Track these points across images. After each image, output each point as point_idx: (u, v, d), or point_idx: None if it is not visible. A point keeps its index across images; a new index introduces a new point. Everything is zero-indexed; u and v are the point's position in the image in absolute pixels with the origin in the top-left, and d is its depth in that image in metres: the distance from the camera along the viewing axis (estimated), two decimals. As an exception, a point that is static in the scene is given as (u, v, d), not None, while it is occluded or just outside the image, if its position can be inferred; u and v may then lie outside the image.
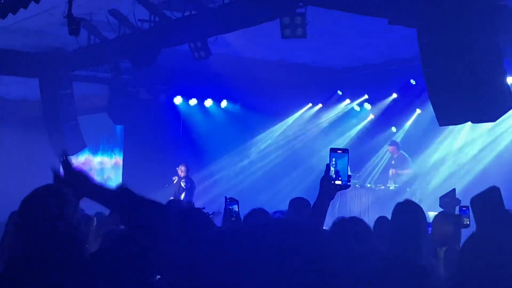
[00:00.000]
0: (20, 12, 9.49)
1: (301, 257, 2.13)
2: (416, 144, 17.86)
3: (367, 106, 18.96)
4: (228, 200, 6.17)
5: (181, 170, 16.96)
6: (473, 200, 5.53)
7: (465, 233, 5.83)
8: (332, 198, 4.09)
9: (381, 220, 6.61)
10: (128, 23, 12.81)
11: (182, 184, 16.79)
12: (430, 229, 6.89)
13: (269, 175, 19.60)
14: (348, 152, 4.14)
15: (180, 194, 16.58)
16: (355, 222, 4.51)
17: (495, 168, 16.00)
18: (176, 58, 14.68)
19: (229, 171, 19.53)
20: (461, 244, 4.84)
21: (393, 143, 17.35)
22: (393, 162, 17.22)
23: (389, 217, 5.53)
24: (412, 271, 3.76)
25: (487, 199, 4.36)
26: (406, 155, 17.25)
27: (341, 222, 4.48)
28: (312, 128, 19.95)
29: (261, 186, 18.91)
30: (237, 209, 6.13)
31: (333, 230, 4.28)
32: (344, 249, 3.85)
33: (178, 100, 18.78)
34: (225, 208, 6.12)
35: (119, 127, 19.12)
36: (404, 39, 12.78)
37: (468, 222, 6.71)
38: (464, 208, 6.82)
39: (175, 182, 17.08)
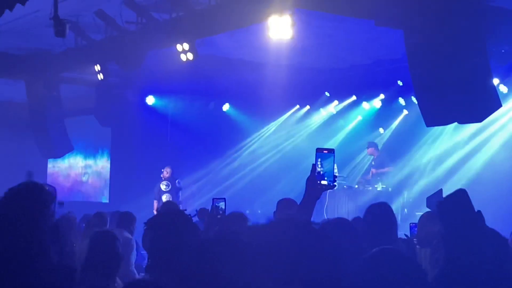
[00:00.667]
0: (6, 14, 9.43)
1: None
2: (403, 145, 17.92)
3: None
4: (216, 199, 6.23)
5: (167, 172, 16.92)
6: (440, 204, 5.64)
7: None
8: (318, 198, 4.08)
9: (356, 220, 6.70)
10: (115, 24, 12.78)
11: (163, 187, 16.74)
12: (415, 229, 6.94)
13: (258, 177, 19.60)
14: (334, 152, 4.13)
15: (162, 195, 16.51)
16: (341, 223, 4.53)
17: (483, 169, 16.08)
18: (164, 60, 14.65)
19: (217, 173, 19.51)
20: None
21: (371, 145, 17.43)
22: (373, 163, 17.29)
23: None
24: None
25: (455, 202, 4.30)
26: (385, 154, 17.34)
27: (326, 224, 4.49)
28: (300, 130, 19.96)
29: (249, 188, 18.91)
30: (223, 206, 6.15)
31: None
32: (330, 250, 3.84)
33: (165, 102, 18.75)
34: (212, 205, 6.15)
35: (106, 129, 19.06)
36: (391, 40, 12.82)
37: None
38: None
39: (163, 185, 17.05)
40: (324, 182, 4.04)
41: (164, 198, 16.28)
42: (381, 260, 3.05)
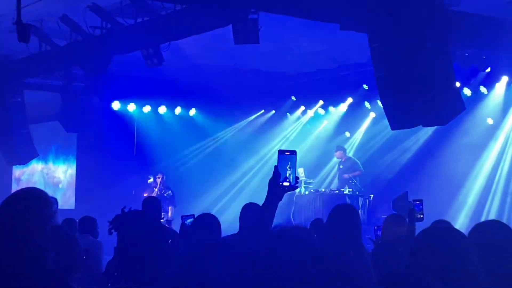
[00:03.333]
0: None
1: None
2: (370, 148, 18.05)
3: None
4: (184, 216, 6.38)
5: (158, 177, 16.97)
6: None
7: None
8: (280, 199, 4.11)
9: (316, 222, 6.75)
10: (79, 30, 12.68)
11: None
12: (380, 232, 6.98)
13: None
14: (295, 154, 4.16)
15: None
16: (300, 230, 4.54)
17: (444, 171, 16.26)
18: (129, 65, 14.58)
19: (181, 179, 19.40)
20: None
21: (340, 148, 17.56)
22: (341, 166, 17.38)
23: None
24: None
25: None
26: (353, 158, 17.46)
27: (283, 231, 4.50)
28: (264, 134, 19.96)
29: (209, 190, 18.92)
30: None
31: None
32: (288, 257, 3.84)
33: (131, 107, 18.67)
34: (181, 224, 6.30)
35: (71, 135, 18.90)
36: (356, 44, 12.90)
37: (421, 216, 6.80)
38: (417, 202, 6.91)
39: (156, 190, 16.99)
40: (286, 184, 4.08)
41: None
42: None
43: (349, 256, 4.79)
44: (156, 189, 16.96)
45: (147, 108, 18.85)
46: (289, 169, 4.10)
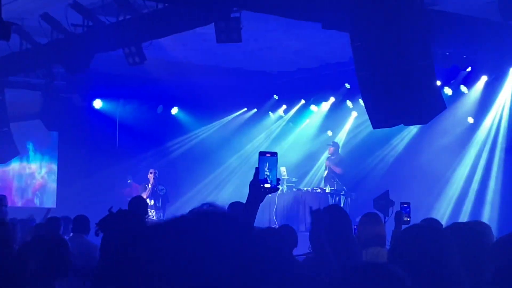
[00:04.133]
0: None
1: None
2: (352, 147, 18.10)
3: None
4: None
5: (150, 172, 16.84)
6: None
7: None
8: (261, 201, 4.12)
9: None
10: (60, 27, 12.63)
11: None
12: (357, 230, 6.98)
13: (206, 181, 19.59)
14: (276, 155, 4.17)
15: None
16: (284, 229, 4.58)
17: (426, 170, 16.34)
18: (111, 63, 14.54)
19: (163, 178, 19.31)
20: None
21: (335, 144, 17.60)
22: (332, 157, 17.35)
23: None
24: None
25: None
26: (342, 156, 17.50)
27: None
28: (246, 133, 19.95)
29: (191, 190, 18.90)
30: None
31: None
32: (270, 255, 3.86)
33: (113, 105, 18.60)
34: None
35: (53, 134, 18.82)
36: (338, 43, 12.94)
37: (408, 219, 6.81)
38: (405, 205, 6.92)
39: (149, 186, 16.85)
40: (267, 185, 4.08)
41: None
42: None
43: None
44: (149, 186, 16.75)
45: (129, 107, 18.78)
46: (270, 170, 4.11)
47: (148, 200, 16.00)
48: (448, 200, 16.21)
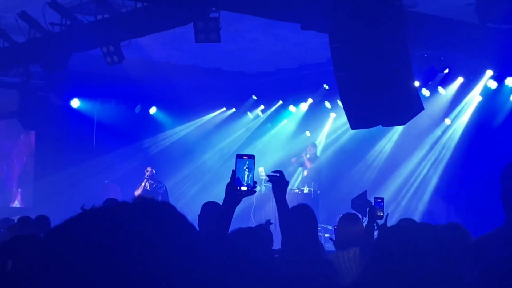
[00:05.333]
0: None
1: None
2: (331, 148, 18.16)
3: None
4: None
5: (147, 171, 16.69)
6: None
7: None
8: (238, 204, 4.13)
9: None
10: (38, 26, 12.54)
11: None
12: (336, 231, 6.99)
13: (181, 182, 19.53)
14: (254, 158, 4.17)
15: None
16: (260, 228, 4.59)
17: (404, 170, 16.43)
18: (89, 62, 14.47)
19: (140, 178, 19.21)
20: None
21: (314, 145, 17.67)
22: (308, 156, 17.39)
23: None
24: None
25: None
26: (319, 158, 17.55)
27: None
28: (225, 133, 19.94)
29: (173, 191, 18.82)
30: None
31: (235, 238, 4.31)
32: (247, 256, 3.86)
33: (91, 104, 18.51)
34: None
35: (30, 133, 18.70)
36: (317, 44, 12.98)
37: (381, 214, 6.83)
38: (379, 200, 6.93)
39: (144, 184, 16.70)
40: (244, 188, 4.08)
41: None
42: None
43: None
44: (143, 184, 16.56)
45: (107, 106, 18.69)
46: (247, 173, 4.11)
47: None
48: (423, 200, 16.29)
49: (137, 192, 15.99)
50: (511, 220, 3.65)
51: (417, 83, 11.78)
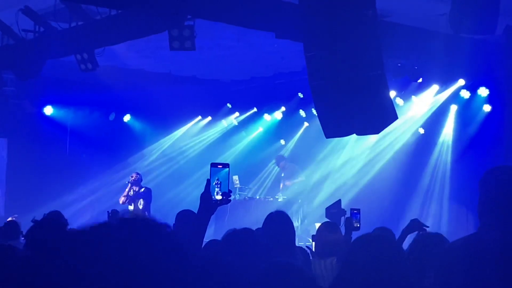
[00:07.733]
0: None
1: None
2: (304, 157, 18.15)
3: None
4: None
5: (131, 177, 16.46)
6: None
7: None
8: (213, 213, 4.09)
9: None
10: (11, 33, 12.45)
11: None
12: (314, 240, 6.99)
13: (156, 189, 19.42)
14: (228, 167, 4.14)
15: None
16: (246, 233, 4.55)
17: (379, 180, 16.46)
18: (62, 69, 14.37)
19: (114, 185, 19.07)
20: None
21: (281, 158, 17.61)
22: (282, 175, 17.46)
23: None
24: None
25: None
26: (294, 165, 17.55)
27: (233, 233, 4.50)
28: (201, 141, 19.92)
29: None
30: None
31: (225, 241, 4.29)
32: (235, 259, 3.85)
33: (64, 112, 18.38)
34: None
35: (2, 140, 18.50)
36: (292, 53, 13.00)
37: (358, 225, 6.85)
38: (355, 211, 6.96)
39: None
40: (218, 197, 4.05)
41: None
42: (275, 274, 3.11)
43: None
44: (127, 190, 16.35)
45: (80, 113, 18.58)
46: (221, 182, 4.08)
47: (130, 207, 15.79)
48: (400, 210, 16.32)
49: (121, 199, 15.86)
50: (485, 227, 3.66)
51: (392, 93, 11.84)
